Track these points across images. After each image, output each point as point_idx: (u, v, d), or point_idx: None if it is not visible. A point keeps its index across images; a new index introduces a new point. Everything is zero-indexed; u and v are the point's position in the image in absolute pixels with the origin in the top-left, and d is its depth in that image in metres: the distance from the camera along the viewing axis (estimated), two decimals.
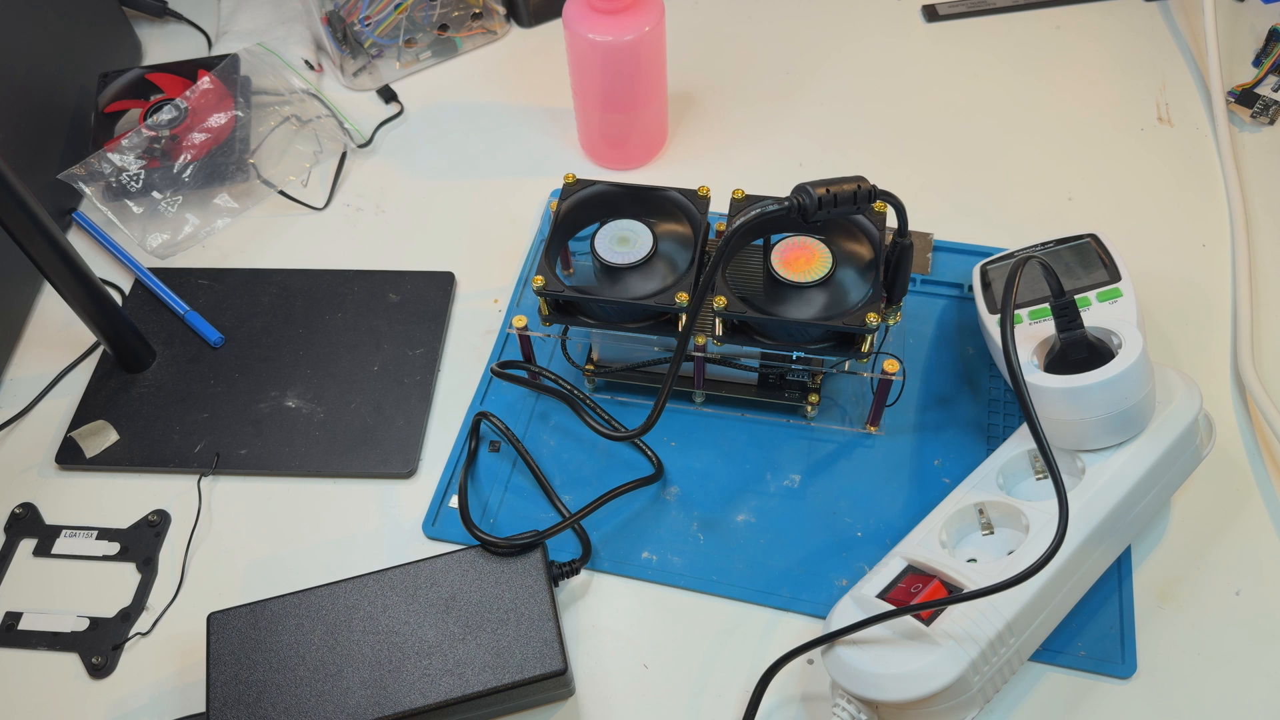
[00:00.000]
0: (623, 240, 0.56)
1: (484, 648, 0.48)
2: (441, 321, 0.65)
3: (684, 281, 0.54)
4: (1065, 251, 0.58)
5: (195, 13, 0.86)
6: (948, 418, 0.58)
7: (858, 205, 0.48)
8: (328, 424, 0.60)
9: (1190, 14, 0.80)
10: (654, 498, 0.56)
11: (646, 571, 0.54)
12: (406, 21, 0.78)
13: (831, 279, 0.53)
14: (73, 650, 0.53)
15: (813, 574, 0.53)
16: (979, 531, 0.51)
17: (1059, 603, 0.47)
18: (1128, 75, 0.77)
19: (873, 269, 0.54)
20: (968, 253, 0.65)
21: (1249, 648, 0.50)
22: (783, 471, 0.57)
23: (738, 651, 0.51)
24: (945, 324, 0.63)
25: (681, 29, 0.81)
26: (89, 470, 0.59)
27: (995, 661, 0.45)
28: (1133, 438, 0.48)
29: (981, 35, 0.80)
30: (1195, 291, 0.64)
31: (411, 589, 0.49)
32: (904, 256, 0.51)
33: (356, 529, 0.57)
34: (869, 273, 0.54)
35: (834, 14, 0.83)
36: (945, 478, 0.56)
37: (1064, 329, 0.49)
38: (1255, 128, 0.72)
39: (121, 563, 0.56)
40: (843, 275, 0.54)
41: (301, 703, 0.46)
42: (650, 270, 0.55)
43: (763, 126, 0.75)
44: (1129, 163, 0.71)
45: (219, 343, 0.64)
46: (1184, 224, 0.67)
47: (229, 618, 0.49)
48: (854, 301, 0.53)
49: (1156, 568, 0.53)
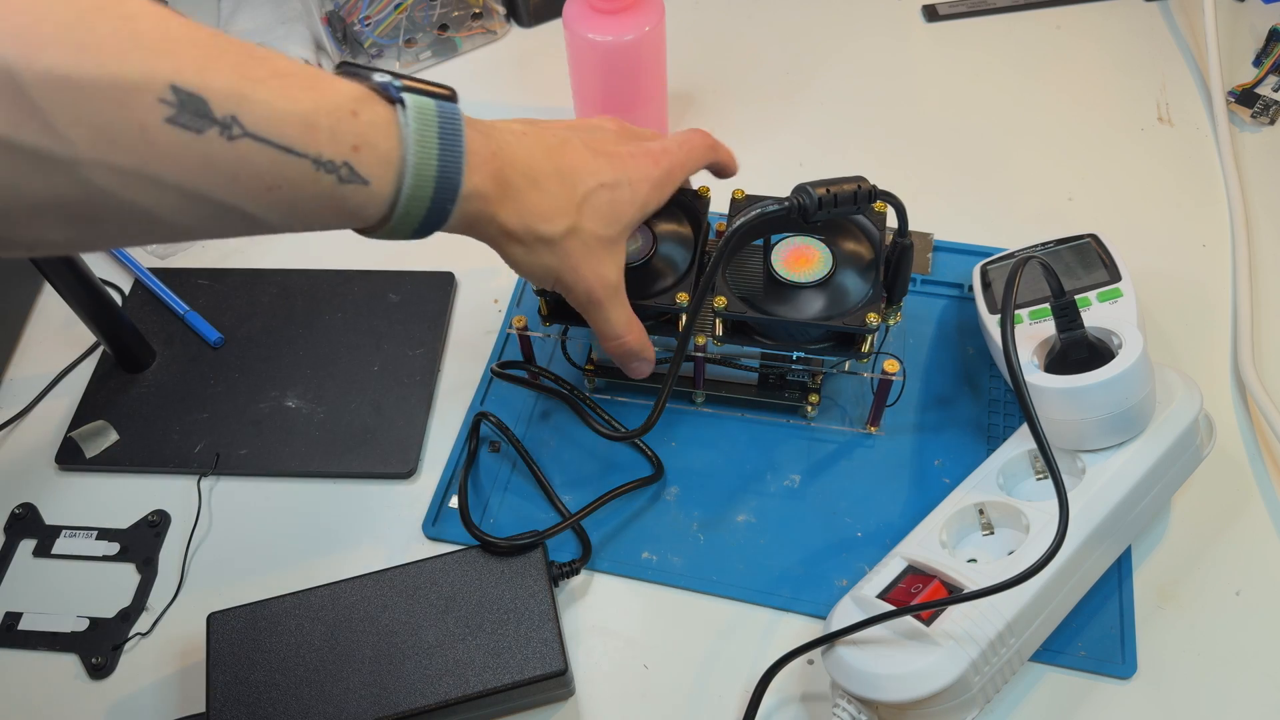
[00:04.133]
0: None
1: (484, 648, 0.48)
2: (441, 321, 0.65)
3: (684, 282, 0.54)
4: (1065, 251, 0.58)
5: (195, 12, 0.86)
6: (948, 418, 0.58)
7: (858, 205, 0.48)
8: (328, 424, 0.60)
9: (1190, 14, 0.80)
10: (654, 498, 0.56)
11: (646, 571, 0.54)
12: (406, 21, 0.78)
13: (832, 279, 0.53)
14: (72, 651, 0.53)
15: (813, 574, 0.53)
16: (979, 532, 0.51)
17: (1059, 603, 0.47)
18: (1128, 75, 0.77)
19: (873, 269, 0.53)
20: (968, 253, 0.65)
21: (1249, 648, 0.50)
22: (783, 471, 0.57)
23: (738, 652, 0.51)
24: (945, 324, 0.63)
25: (681, 29, 0.81)
26: (89, 470, 0.59)
27: (995, 662, 0.45)
28: (1133, 438, 0.48)
29: (982, 35, 0.80)
30: (1195, 291, 0.64)
31: (411, 589, 0.49)
32: (904, 256, 0.51)
33: (356, 529, 0.57)
34: (869, 273, 0.53)
35: (834, 14, 0.83)
36: (945, 478, 0.56)
37: (1064, 329, 0.49)
38: (1255, 128, 0.72)
39: (121, 563, 0.56)
40: (843, 275, 0.53)
41: (301, 703, 0.46)
42: (650, 271, 0.55)
43: (763, 126, 0.75)
44: (1129, 163, 0.71)
45: (219, 343, 0.64)
46: (1184, 224, 0.67)
47: (229, 618, 0.49)
48: (854, 302, 0.53)
49: (1157, 568, 0.53)
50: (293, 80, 0.34)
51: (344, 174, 0.35)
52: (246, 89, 0.32)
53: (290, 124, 0.34)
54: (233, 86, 0.32)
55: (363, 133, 0.36)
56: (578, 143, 0.46)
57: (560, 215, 0.44)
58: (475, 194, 0.40)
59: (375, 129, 0.36)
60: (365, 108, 0.36)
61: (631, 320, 0.50)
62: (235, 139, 0.32)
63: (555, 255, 0.45)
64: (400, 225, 0.39)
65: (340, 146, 0.35)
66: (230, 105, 0.32)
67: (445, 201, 0.39)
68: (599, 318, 0.49)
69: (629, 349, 0.51)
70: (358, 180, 0.36)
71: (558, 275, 0.46)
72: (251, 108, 0.32)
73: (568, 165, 0.44)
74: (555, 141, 0.45)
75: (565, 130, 0.47)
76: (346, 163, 0.35)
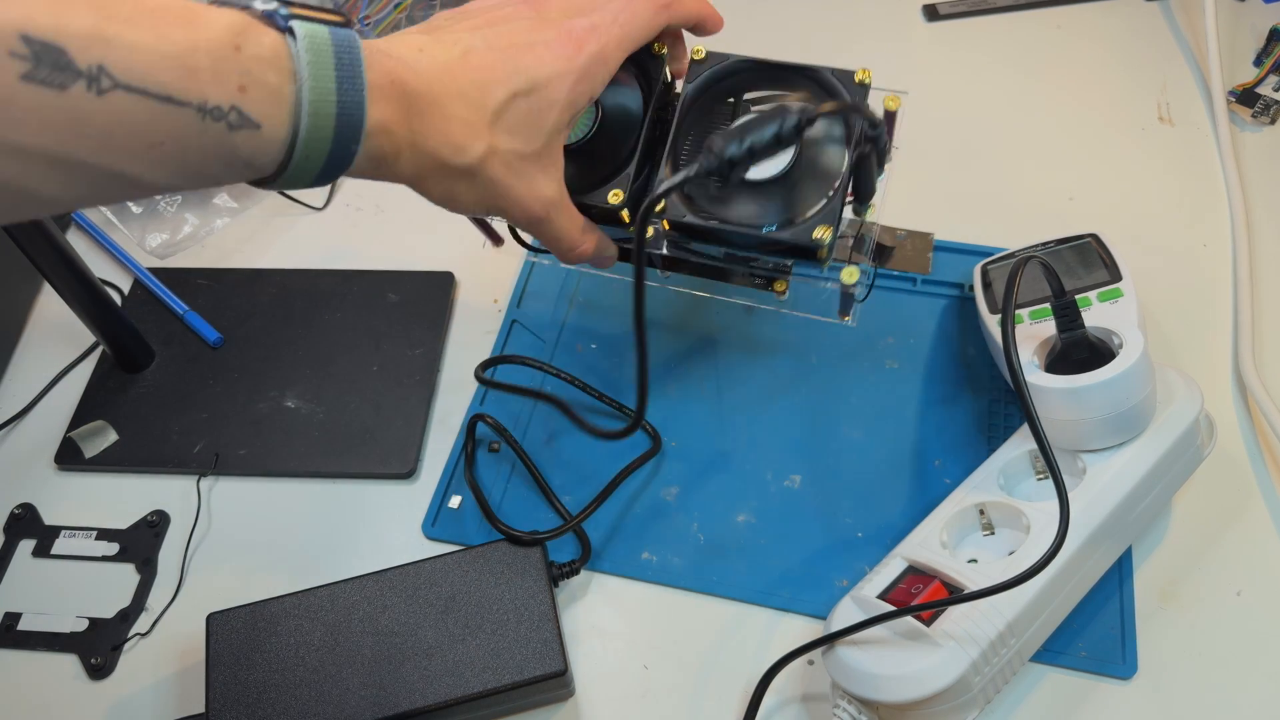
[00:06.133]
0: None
1: (484, 648, 0.47)
2: (441, 321, 0.65)
3: (625, 172, 0.46)
4: (1066, 251, 0.58)
5: None
6: (948, 418, 0.58)
7: (787, 142, 0.41)
8: (327, 424, 0.60)
9: (1191, 13, 0.80)
10: (654, 498, 0.56)
11: (646, 572, 0.54)
12: (406, 20, 0.78)
13: (792, 172, 0.45)
14: (72, 651, 0.53)
15: (813, 574, 0.53)
16: (980, 532, 0.51)
17: (1060, 603, 0.47)
18: (1128, 75, 0.76)
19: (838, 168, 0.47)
20: (968, 252, 0.65)
21: (1250, 648, 0.50)
22: (783, 471, 0.57)
23: (738, 652, 0.51)
24: (945, 324, 0.62)
25: None
26: (88, 470, 0.59)
27: (996, 662, 0.45)
28: (1134, 438, 0.48)
29: (982, 35, 0.80)
30: (1196, 291, 0.64)
31: (411, 590, 0.49)
32: (863, 163, 0.45)
33: (356, 529, 0.57)
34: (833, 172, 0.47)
35: (834, 13, 0.83)
36: (946, 478, 0.56)
37: (1065, 329, 0.49)
38: (1256, 127, 0.72)
39: (121, 563, 0.56)
40: (808, 169, 0.46)
41: (301, 703, 0.46)
42: (594, 155, 0.47)
43: None
44: (1130, 162, 0.71)
45: (218, 343, 0.64)
46: (1185, 224, 0.67)
47: (228, 618, 0.49)
48: (812, 204, 0.46)
49: (1157, 568, 0.52)
50: (163, 15, 0.30)
51: (233, 120, 0.31)
52: (111, 31, 0.28)
53: (166, 68, 0.29)
54: (95, 29, 0.28)
55: (249, 69, 0.31)
56: (482, 48, 0.40)
57: (472, 140, 0.39)
58: (379, 129, 0.36)
59: (262, 63, 0.32)
60: (249, 39, 0.32)
61: (584, 228, 0.46)
62: (105, 92, 0.28)
63: (477, 184, 0.40)
64: (299, 173, 0.35)
65: (225, 88, 0.31)
66: (94, 53, 0.28)
67: (349, 141, 0.35)
68: (546, 235, 0.45)
69: (587, 257, 0.47)
70: (248, 125, 0.32)
71: (487, 204, 0.42)
72: (120, 53, 0.28)
73: (472, 78, 0.39)
74: (457, 52, 0.39)
75: (469, 33, 0.40)
76: (235, 106, 0.31)
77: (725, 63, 0.42)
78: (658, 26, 0.45)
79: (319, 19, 0.34)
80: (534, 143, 0.41)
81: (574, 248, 0.46)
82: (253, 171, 0.34)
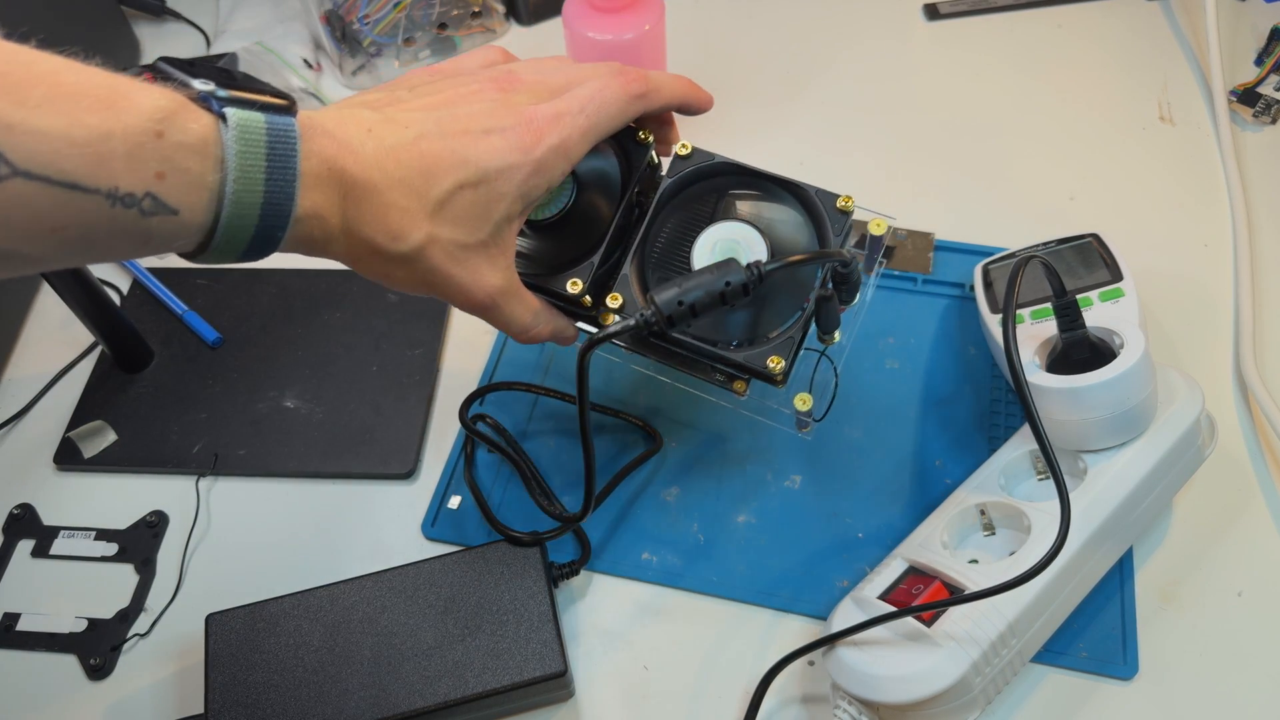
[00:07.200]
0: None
1: (483, 649, 0.47)
2: (441, 321, 0.64)
3: (591, 258, 0.45)
4: (1067, 251, 0.58)
5: (194, 11, 0.86)
6: (949, 418, 0.58)
7: (732, 300, 0.40)
8: (326, 424, 0.60)
9: (1192, 13, 0.80)
10: (654, 498, 0.56)
11: (646, 572, 0.54)
12: (405, 20, 0.78)
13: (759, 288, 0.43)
14: (71, 651, 0.53)
15: (813, 575, 0.53)
16: (980, 532, 0.51)
17: (1061, 604, 0.47)
18: (1129, 74, 0.76)
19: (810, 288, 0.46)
20: (969, 252, 0.65)
21: (1251, 649, 0.50)
22: (783, 472, 0.57)
23: (738, 653, 0.51)
24: (946, 324, 0.62)
25: (681, 28, 0.81)
26: (87, 471, 0.59)
27: (997, 663, 0.44)
28: (1135, 438, 0.48)
29: (983, 34, 0.80)
30: (1197, 291, 0.64)
31: (411, 590, 0.49)
32: (823, 307, 0.45)
33: (356, 529, 0.56)
34: (802, 296, 0.46)
35: (835, 13, 0.83)
36: (946, 478, 0.56)
37: (1066, 329, 0.49)
38: (1257, 127, 0.72)
39: (120, 564, 0.56)
40: (775, 285, 0.45)
41: (300, 704, 0.46)
42: (568, 231, 0.46)
43: (763, 126, 0.75)
44: (1130, 162, 0.71)
45: (217, 343, 0.64)
46: (1186, 223, 0.67)
47: (227, 619, 0.49)
48: (775, 325, 0.45)
49: (1158, 568, 0.52)
50: (81, 100, 0.29)
51: (146, 206, 0.30)
52: (16, 117, 0.27)
53: (73, 156, 0.29)
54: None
55: (170, 156, 0.31)
56: (435, 133, 0.39)
57: (410, 228, 0.38)
58: (310, 214, 0.35)
59: (185, 150, 0.31)
60: (174, 125, 0.31)
61: (537, 313, 0.44)
62: (3, 180, 0.27)
63: (416, 271, 0.40)
64: (220, 253, 0.34)
65: (140, 175, 0.30)
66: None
67: (274, 228, 0.34)
68: (494, 322, 0.43)
69: (542, 340, 0.46)
70: (164, 211, 0.31)
71: (428, 289, 0.41)
72: (22, 139, 0.28)
73: (418, 166, 0.38)
74: (408, 137, 0.38)
75: (424, 114, 0.39)
76: (150, 193, 0.30)
77: (708, 163, 0.42)
78: (629, 116, 0.44)
79: (258, 102, 0.33)
80: (479, 233, 0.40)
81: (525, 332, 0.45)
82: (170, 249, 0.34)
